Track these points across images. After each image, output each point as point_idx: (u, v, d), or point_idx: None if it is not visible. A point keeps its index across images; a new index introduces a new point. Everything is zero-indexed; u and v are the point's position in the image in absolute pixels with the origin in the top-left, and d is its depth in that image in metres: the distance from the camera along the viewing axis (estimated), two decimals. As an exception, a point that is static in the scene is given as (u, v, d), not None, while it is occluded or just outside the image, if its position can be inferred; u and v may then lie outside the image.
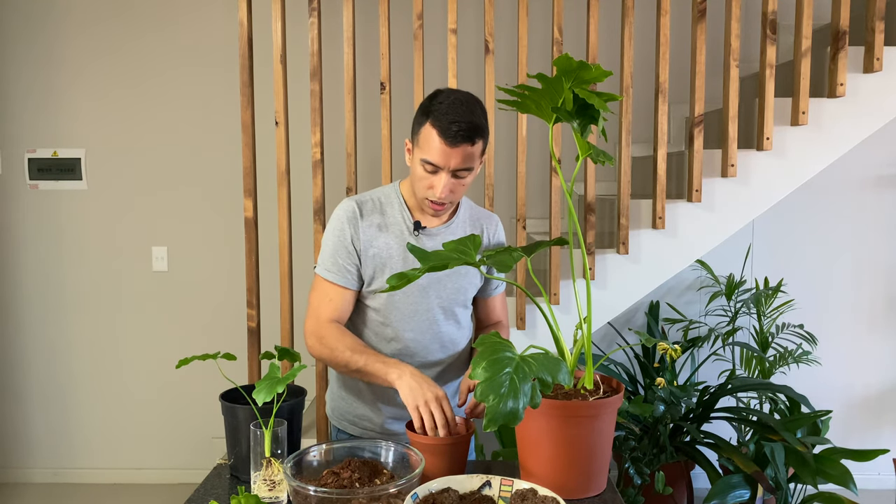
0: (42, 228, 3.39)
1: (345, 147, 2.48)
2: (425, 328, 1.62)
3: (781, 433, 2.40)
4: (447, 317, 1.64)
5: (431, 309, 1.62)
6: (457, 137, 1.45)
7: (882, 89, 2.51)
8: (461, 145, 1.46)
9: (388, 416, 1.67)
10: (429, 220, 1.63)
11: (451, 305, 1.64)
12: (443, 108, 1.46)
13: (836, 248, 3.33)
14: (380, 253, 1.58)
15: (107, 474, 3.48)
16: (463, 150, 1.47)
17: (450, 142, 1.45)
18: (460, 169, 1.49)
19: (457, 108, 1.45)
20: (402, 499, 1.13)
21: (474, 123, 1.46)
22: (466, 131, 1.45)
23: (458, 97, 1.49)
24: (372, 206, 1.62)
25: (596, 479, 1.32)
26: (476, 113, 1.48)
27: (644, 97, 3.08)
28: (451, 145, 1.45)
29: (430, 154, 1.48)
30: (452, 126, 1.44)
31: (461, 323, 1.69)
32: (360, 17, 3.06)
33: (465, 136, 1.45)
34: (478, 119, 1.48)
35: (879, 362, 3.38)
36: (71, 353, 3.44)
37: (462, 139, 1.45)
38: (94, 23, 3.28)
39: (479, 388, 1.09)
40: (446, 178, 1.49)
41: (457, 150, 1.46)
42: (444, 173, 1.49)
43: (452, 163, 1.47)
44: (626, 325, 3.34)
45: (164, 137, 3.32)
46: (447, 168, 1.48)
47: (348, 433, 1.72)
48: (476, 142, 1.48)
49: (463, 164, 1.48)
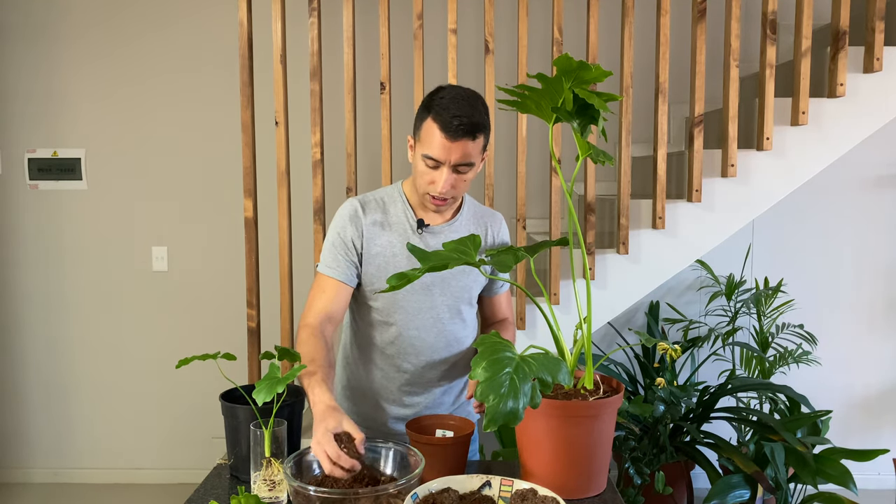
0: (42, 228, 3.39)
1: (345, 147, 2.48)
2: (430, 326, 1.62)
3: (781, 433, 2.40)
4: (452, 315, 1.64)
5: (436, 307, 1.61)
6: (458, 132, 1.45)
7: (882, 89, 2.51)
8: (462, 139, 1.46)
9: (391, 417, 1.67)
10: (432, 218, 1.62)
11: (457, 304, 1.64)
12: (444, 102, 1.47)
13: (836, 248, 3.33)
14: (382, 252, 1.58)
15: (107, 474, 3.48)
16: (464, 145, 1.47)
17: (451, 136, 1.45)
18: (461, 164, 1.49)
19: (458, 103, 1.46)
20: (402, 499, 1.13)
21: (475, 118, 1.47)
22: (467, 126, 1.45)
23: (459, 92, 1.49)
24: (375, 205, 1.62)
25: (596, 479, 1.32)
26: (477, 108, 1.49)
27: (644, 97, 3.08)
28: (452, 139, 1.46)
29: (431, 149, 1.48)
30: (454, 120, 1.45)
31: (466, 321, 1.68)
32: (360, 17, 3.06)
33: (465, 130, 1.45)
34: (479, 114, 1.48)
35: (879, 362, 3.38)
36: (71, 353, 3.44)
37: (463, 133, 1.46)
38: (94, 23, 3.28)
39: (479, 388, 1.09)
40: (447, 172, 1.49)
41: (457, 144, 1.46)
42: (445, 168, 1.49)
43: (453, 157, 1.48)
44: (626, 325, 3.34)
45: (165, 137, 3.32)
46: (448, 163, 1.48)
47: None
48: (477, 137, 1.48)
49: (464, 159, 1.49)
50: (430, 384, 1.66)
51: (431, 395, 1.67)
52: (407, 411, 1.66)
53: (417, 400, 1.66)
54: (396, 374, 1.64)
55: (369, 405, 1.68)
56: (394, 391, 1.65)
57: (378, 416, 1.68)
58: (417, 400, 1.66)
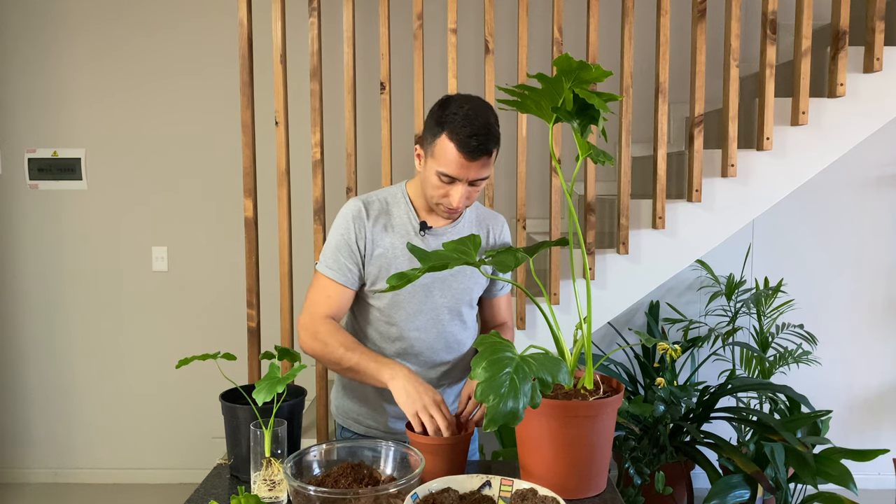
0: (42, 228, 3.39)
1: (345, 147, 2.48)
2: (430, 327, 1.62)
3: (781, 433, 2.40)
4: (453, 317, 1.64)
5: (437, 308, 1.61)
6: (476, 152, 1.43)
7: (882, 89, 2.51)
8: (480, 158, 1.45)
9: (392, 416, 1.67)
10: (435, 220, 1.62)
11: (457, 305, 1.64)
12: (458, 119, 1.43)
13: (836, 247, 3.33)
14: (385, 253, 1.58)
15: (107, 474, 3.48)
16: (481, 163, 1.46)
17: (469, 156, 1.43)
18: (478, 179, 1.49)
19: (473, 121, 1.42)
20: (402, 499, 1.13)
21: (492, 134, 1.45)
22: (485, 144, 1.43)
23: (472, 107, 1.46)
24: (379, 206, 1.61)
25: (596, 479, 1.32)
26: (491, 122, 1.46)
27: (644, 97, 3.08)
28: (471, 159, 1.44)
29: (447, 167, 1.46)
30: (472, 141, 1.42)
31: (467, 323, 1.68)
32: (360, 17, 3.06)
33: (483, 149, 1.44)
34: (494, 130, 1.46)
35: (879, 362, 3.38)
36: (71, 353, 3.44)
37: (481, 153, 1.44)
38: (94, 23, 3.28)
39: (479, 388, 1.09)
40: (463, 188, 1.49)
41: (476, 163, 1.45)
42: (461, 184, 1.48)
43: (471, 175, 1.47)
44: (626, 325, 3.34)
45: (165, 137, 3.32)
46: (465, 180, 1.48)
47: (352, 431, 1.72)
48: (493, 151, 1.48)
49: (480, 175, 1.48)
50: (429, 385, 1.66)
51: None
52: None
53: None
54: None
55: (369, 405, 1.68)
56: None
57: (378, 416, 1.68)
58: None
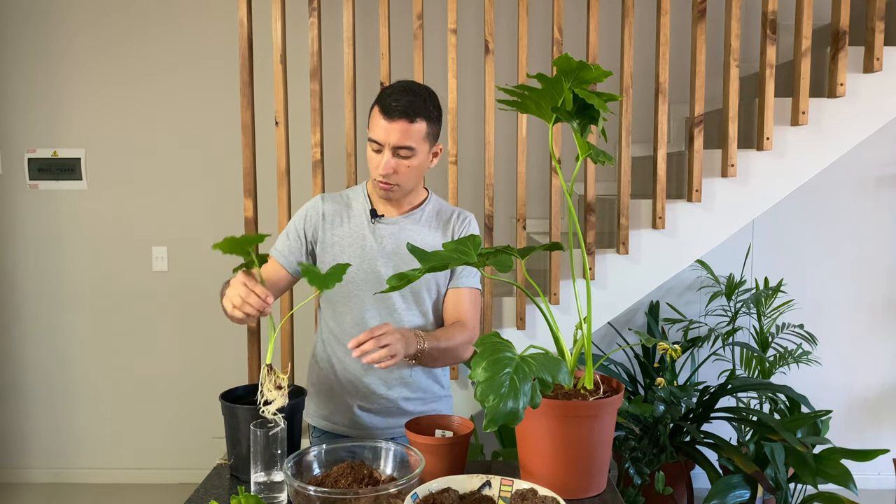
0: (42, 228, 3.39)
1: (345, 147, 2.48)
2: (385, 315, 1.64)
3: (781, 433, 2.40)
4: (408, 305, 1.65)
5: (391, 295, 1.63)
6: (394, 112, 1.53)
7: (882, 89, 2.51)
8: (399, 120, 1.53)
9: (358, 408, 1.67)
10: (388, 211, 1.68)
11: (412, 293, 1.64)
12: (388, 90, 1.58)
13: (836, 248, 3.33)
14: (339, 242, 1.66)
15: (107, 474, 3.48)
16: (401, 126, 1.53)
17: (388, 116, 1.53)
18: (401, 146, 1.55)
19: (397, 89, 1.56)
20: (402, 499, 1.13)
21: (414, 102, 1.54)
22: (404, 107, 1.53)
23: (405, 83, 1.59)
24: (340, 200, 1.71)
25: (596, 479, 1.32)
26: (419, 95, 1.56)
27: (644, 97, 3.08)
28: (389, 119, 1.53)
29: (373, 132, 1.57)
30: (391, 101, 1.54)
31: (424, 313, 1.67)
32: (360, 17, 3.06)
33: (402, 111, 1.53)
34: (419, 101, 1.55)
35: (879, 362, 3.38)
36: (71, 353, 3.44)
37: (399, 114, 1.53)
38: (93, 22, 3.28)
39: (479, 389, 1.09)
40: (388, 155, 1.56)
41: (395, 124, 1.53)
42: (386, 150, 1.56)
43: (392, 138, 1.54)
44: (626, 325, 3.34)
45: (164, 137, 3.32)
46: (388, 144, 1.55)
47: (322, 430, 1.73)
48: (415, 120, 1.54)
49: (402, 142, 1.54)
50: (389, 375, 1.66)
51: (393, 389, 1.67)
52: (370, 403, 1.67)
53: (381, 393, 1.66)
54: (355, 366, 1.65)
55: (334, 401, 1.69)
56: (357, 384, 1.66)
57: (344, 409, 1.68)
58: (381, 393, 1.66)
